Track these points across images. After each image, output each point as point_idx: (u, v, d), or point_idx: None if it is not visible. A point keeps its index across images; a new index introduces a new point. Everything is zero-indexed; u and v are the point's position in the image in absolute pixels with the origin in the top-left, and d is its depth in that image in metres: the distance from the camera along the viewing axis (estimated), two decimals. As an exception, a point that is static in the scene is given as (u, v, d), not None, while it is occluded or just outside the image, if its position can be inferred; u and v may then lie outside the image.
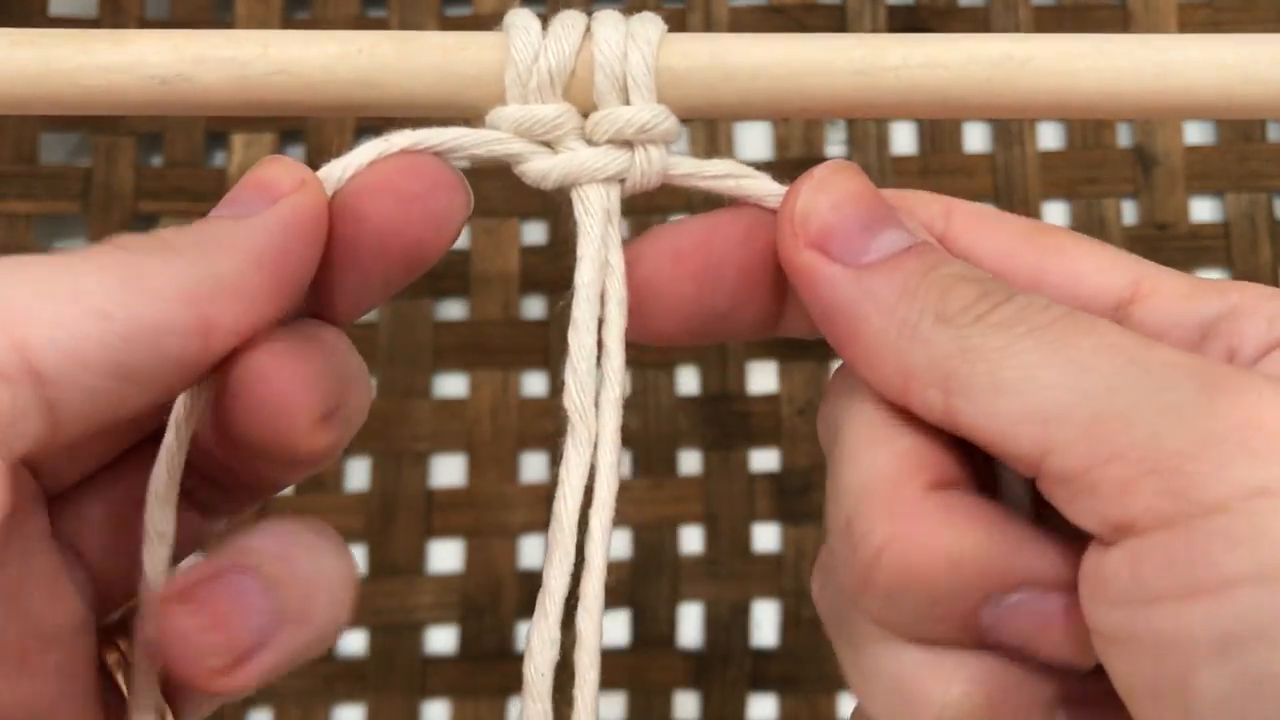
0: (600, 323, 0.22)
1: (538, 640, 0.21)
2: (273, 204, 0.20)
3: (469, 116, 0.23)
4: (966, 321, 0.18)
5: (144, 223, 0.42)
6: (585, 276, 0.22)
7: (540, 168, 0.22)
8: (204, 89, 0.22)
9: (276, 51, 0.22)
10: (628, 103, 0.22)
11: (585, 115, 0.22)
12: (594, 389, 0.22)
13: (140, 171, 0.41)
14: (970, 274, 0.20)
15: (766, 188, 0.22)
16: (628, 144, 0.22)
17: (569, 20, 0.22)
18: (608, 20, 0.22)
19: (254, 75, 0.22)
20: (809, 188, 0.20)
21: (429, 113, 0.23)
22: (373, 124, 0.42)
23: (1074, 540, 0.18)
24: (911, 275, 0.19)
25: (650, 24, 0.22)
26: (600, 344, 0.22)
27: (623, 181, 0.22)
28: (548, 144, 0.22)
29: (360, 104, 0.22)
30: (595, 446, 0.22)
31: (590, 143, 0.22)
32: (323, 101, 0.22)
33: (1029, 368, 0.17)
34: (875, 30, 0.43)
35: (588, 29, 0.22)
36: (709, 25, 0.43)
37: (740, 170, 0.22)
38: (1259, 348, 0.19)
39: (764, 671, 0.39)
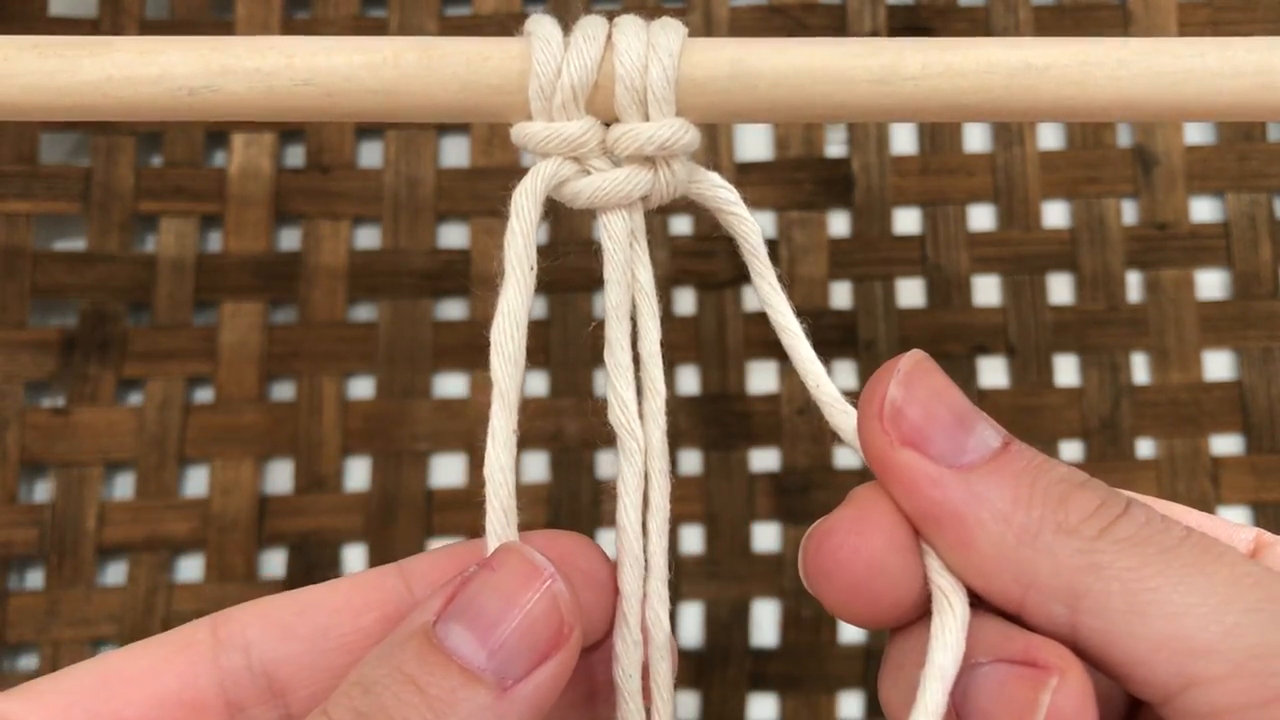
0: (634, 338, 0.22)
1: (622, 644, 0.22)
2: (538, 665, 0.18)
3: (493, 122, 0.23)
4: (1091, 534, 0.18)
5: (143, 222, 0.42)
6: (613, 299, 0.22)
7: (569, 191, 0.22)
8: (231, 99, 0.22)
9: (302, 62, 0.22)
10: (648, 115, 0.22)
11: (607, 125, 0.22)
12: (635, 404, 0.22)
13: (140, 171, 0.41)
14: (1079, 478, 0.19)
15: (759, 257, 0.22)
16: (650, 160, 0.22)
17: (590, 30, 0.22)
18: (629, 29, 0.22)
19: (280, 86, 0.22)
20: (896, 383, 0.20)
21: (455, 119, 0.23)
22: (372, 126, 0.42)
23: None
24: (1022, 479, 0.19)
25: (671, 32, 0.22)
26: (636, 358, 0.22)
27: (645, 198, 0.23)
28: (574, 159, 0.22)
29: (385, 112, 0.22)
30: (645, 455, 0.22)
31: (612, 156, 0.22)
32: (348, 110, 0.22)
33: (1166, 591, 0.17)
34: (875, 30, 0.43)
35: (609, 37, 0.22)
36: (709, 25, 0.43)
37: (754, 231, 0.23)
38: None
39: (764, 671, 0.39)
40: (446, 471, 0.40)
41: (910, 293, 0.41)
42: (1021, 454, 0.19)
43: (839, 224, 0.42)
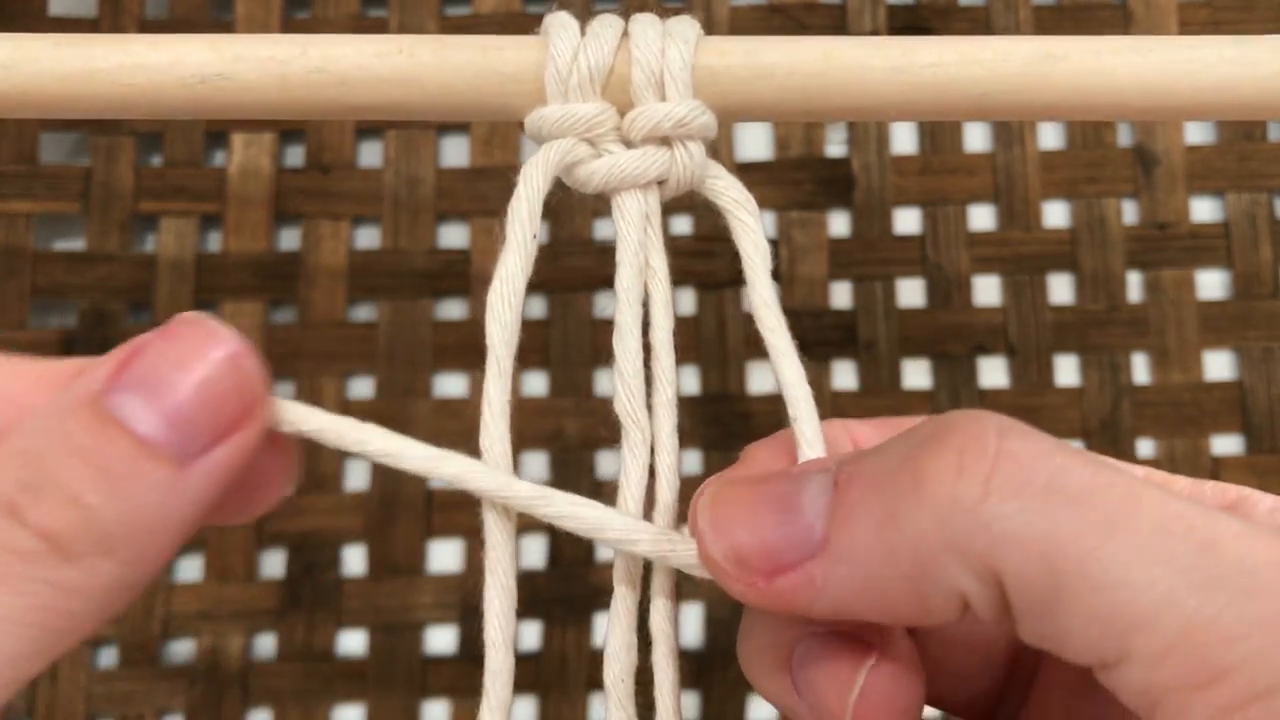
0: (645, 326, 0.22)
1: (614, 646, 0.21)
2: (221, 441, 0.17)
3: (505, 119, 0.23)
4: (975, 495, 0.16)
5: (143, 222, 0.42)
6: (625, 282, 0.22)
7: (582, 173, 0.22)
8: (243, 88, 0.22)
9: (315, 50, 0.22)
10: (664, 98, 0.22)
11: (623, 115, 0.22)
12: (643, 392, 0.22)
13: (140, 171, 0.41)
14: (921, 435, 0.17)
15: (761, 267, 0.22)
16: (666, 142, 0.22)
17: (607, 21, 0.22)
18: (645, 21, 0.22)
19: (293, 74, 0.22)
20: (711, 539, 0.18)
21: (466, 115, 0.23)
22: (372, 125, 0.42)
23: None
24: (869, 501, 0.17)
25: (687, 25, 0.22)
26: (648, 347, 0.22)
27: (662, 183, 0.22)
28: (589, 142, 0.22)
29: (398, 104, 0.22)
30: (653, 449, 0.22)
31: (627, 142, 0.22)
32: (360, 102, 0.22)
33: (1089, 559, 0.15)
34: (876, 29, 0.43)
35: (625, 31, 0.22)
36: (709, 25, 0.43)
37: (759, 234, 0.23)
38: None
39: (764, 671, 0.39)
40: (446, 471, 0.40)
41: (910, 293, 0.41)
42: (853, 480, 0.17)
43: (839, 224, 0.42)
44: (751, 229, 0.22)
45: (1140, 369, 0.41)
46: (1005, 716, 0.22)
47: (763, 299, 0.22)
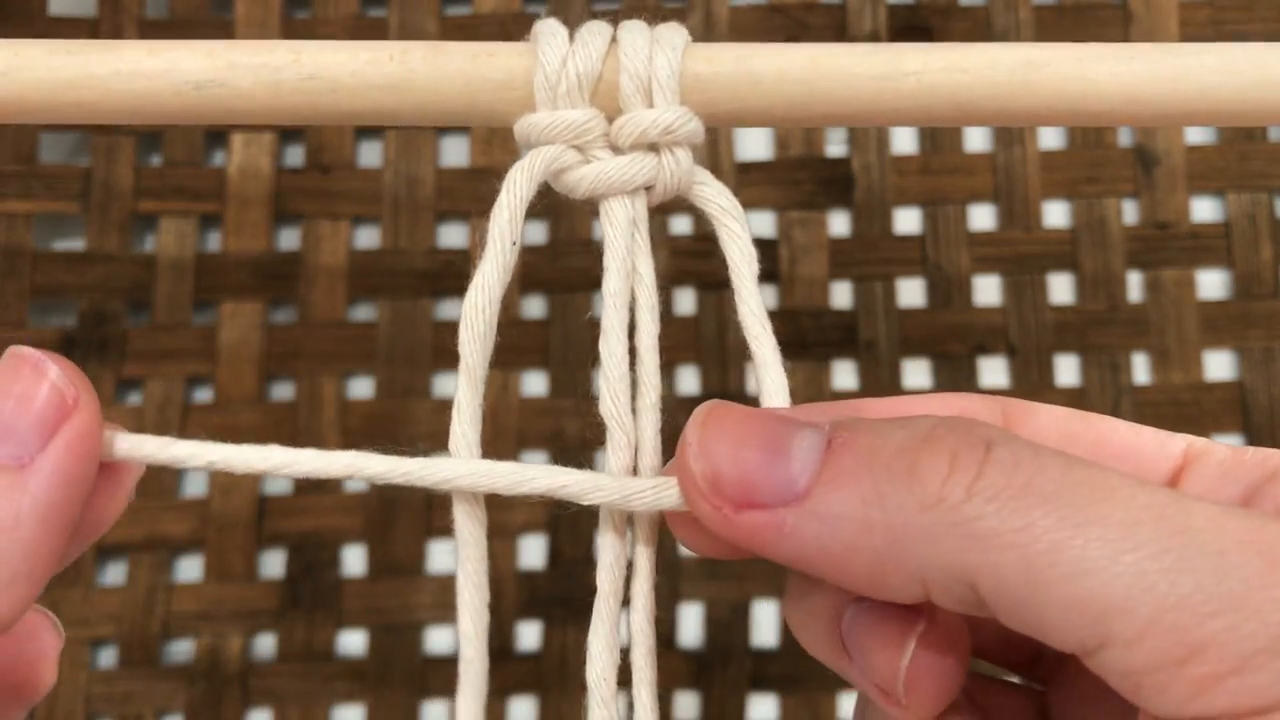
0: (631, 329, 0.22)
1: (596, 646, 0.22)
2: (50, 438, 0.19)
3: (496, 124, 0.23)
4: (958, 498, 0.17)
5: (143, 222, 0.41)
6: (612, 286, 0.22)
7: (569, 179, 0.22)
8: (237, 95, 0.22)
9: (308, 58, 0.22)
10: (652, 105, 0.22)
11: (611, 121, 0.22)
12: (628, 395, 0.22)
13: (139, 171, 0.41)
14: (920, 433, 0.18)
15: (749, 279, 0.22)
16: (653, 149, 0.22)
17: (596, 28, 0.22)
18: (633, 28, 0.22)
19: (286, 81, 0.22)
20: (696, 454, 0.19)
21: (458, 121, 0.23)
22: (372, 126, 0.42)
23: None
24: (860, 474, 0.18)
25: (675, 32, 0.22)
26: (633, 350, 0.22)
27: (650, 189, 0.23)
28: (577, 149, 0.22)
29: (391, 111, 0.22)
30: (636, 451, 0.22)
31: (616, 148, 0.22)
32: (353, 108, 0.22)
33: (1062, 550, 0.16)
34: (876, 29, 0.43)
35: (613, 38, 0.22)
36: (709, 25, 0.43)
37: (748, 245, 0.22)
38: None
39: (764, 671, 0.39)
40: (446, 471, 0.40)
41: (910, 293, 0.41)
42: (848, 446, 0.18)
43: (839, 224, 0.42)
44: (738, 235, 0.22)
45: (1140, 369, 0.41)
46: (1045, 669, 0.23)
47: (749, 307, 0.22)
